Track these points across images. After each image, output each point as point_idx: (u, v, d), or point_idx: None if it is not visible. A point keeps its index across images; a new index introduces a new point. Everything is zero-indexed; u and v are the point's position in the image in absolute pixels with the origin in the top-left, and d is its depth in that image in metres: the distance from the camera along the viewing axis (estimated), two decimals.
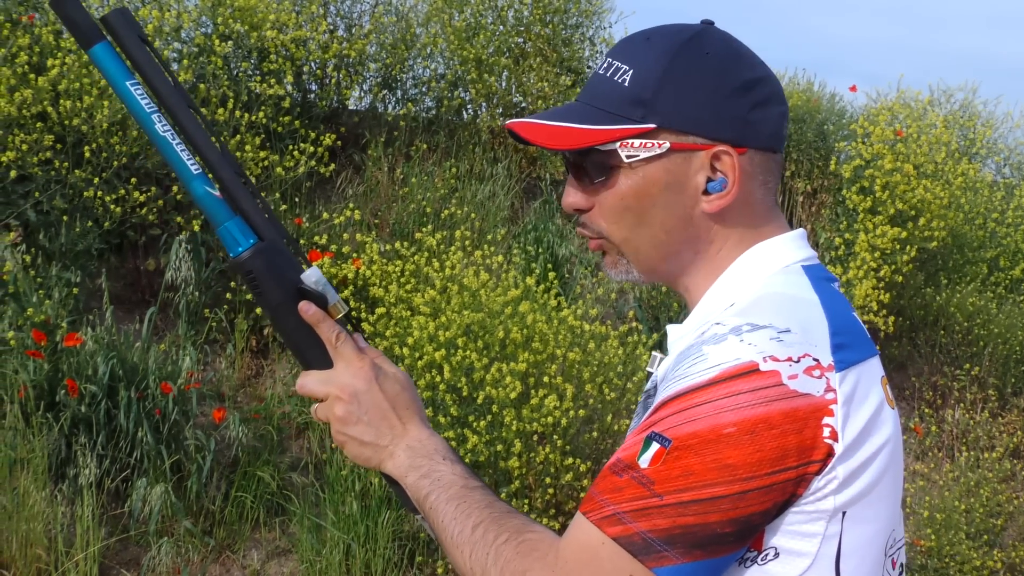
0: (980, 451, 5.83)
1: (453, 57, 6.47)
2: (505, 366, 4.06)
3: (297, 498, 4.47)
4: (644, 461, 1.02)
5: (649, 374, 1.26)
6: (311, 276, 1.24)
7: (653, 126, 1.13)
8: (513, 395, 3.99)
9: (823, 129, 6.94)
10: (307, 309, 1.24)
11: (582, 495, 4.18)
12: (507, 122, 1.22)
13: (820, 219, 6.73)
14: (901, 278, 5.87)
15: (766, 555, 1.06)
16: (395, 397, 1.26)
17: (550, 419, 4.01)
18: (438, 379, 4.06)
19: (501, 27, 6.67)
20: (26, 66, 4.75)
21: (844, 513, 1.05)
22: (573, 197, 1.20)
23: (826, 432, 1.02)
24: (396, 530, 4.30)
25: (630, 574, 1.02)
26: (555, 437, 4.08)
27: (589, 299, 5.24)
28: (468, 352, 4.08)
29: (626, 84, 1.14)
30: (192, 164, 1.24)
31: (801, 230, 1.22)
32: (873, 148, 5.98)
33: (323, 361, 1.26)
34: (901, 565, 1.18)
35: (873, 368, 1.11)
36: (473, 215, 5.70)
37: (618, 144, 1.14)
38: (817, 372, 1.03)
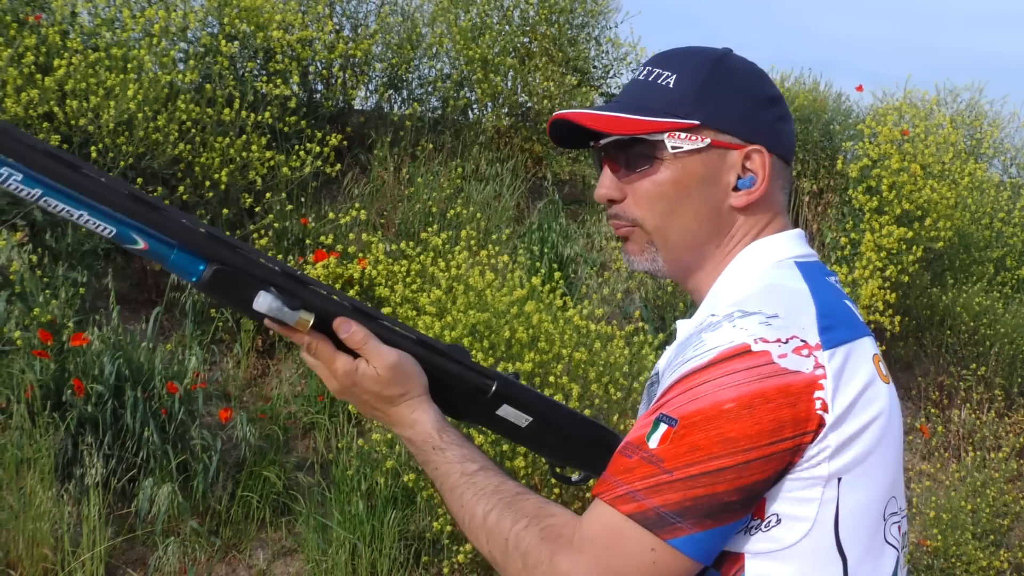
0: (986, 451, 5.82)
1: (459, 57, 6.47)
2: (511, 366, 4.06)
3: (303, 498, 4.47)
4: (653, 441, 1.10)
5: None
6: (262, 306, 1.24)
7: (697, 122, 1.24)
8: None
9: (829, 129, 6.93)
10: (272, 328, 1.28)
11: (588, 495, 4.18)
12: (556, 113, 1.30)
13: (826, 219, 6.72)
14: (907, 278, 5.85)
15: (768, 522, 1.13)
16: (374, 395, 1.30)
17: None
18: None
19: (507, 27, 6.66)
20: (33, 66, 4.76)
21: (840, 479, 1.12)
22: (607, 188, 1.29)
23: (818, 404, 1.10)
24: (402, 530, 4.31)
25: (651, 548, 1.09)
26: None
27: (595, 299, 5.23)
28: (474, 352, 4.08)
29: (671, 86, 1.26)
30: (103, 228, 1.18)
31: (799, 230, 1.31)
32: (880, 148, 5.96)
33: None
34: (904, 534, 1.24)
35: (863, 347, 1.18)
36: (479, 215, 5.70)
37: (666, 135, 1.24)
38: (806, 351, 1.11)
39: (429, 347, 1.35)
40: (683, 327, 1.28)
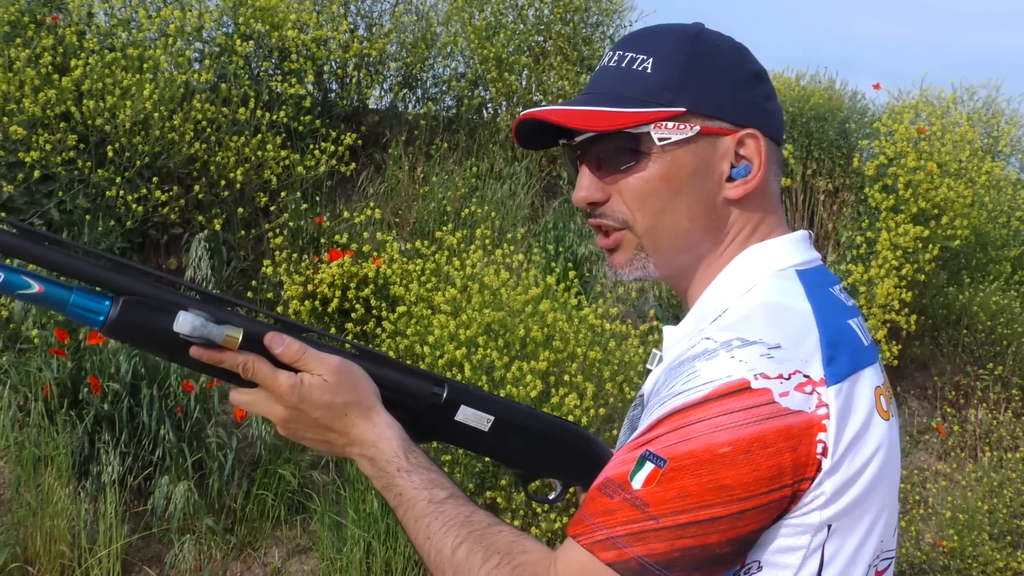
0: (1003, 451, 5.79)
1: (473, 56, 6.48)
2: (526, 364, 4.06)
3: (318, 496, 4.48)
4: (637, 482, 1.00)
5: (648, 371, 1.23)
6: (184, 326, 1.13)
7: (683, 109, 1.12)
8: (533, 394, 3.99)
9: (845, 127, 6.90)
10: (200, 355, 1.18)
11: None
12: (525, 112, 1.17)
13: (842, 217, 6.70)
14: (924, 277, 5.83)
15: (749, 568, 1.05)
16: (326, 409, 1.19)
17: (570, 418, 4.01)
18: (459, 377, 4.06)
19: (521, 26, 6.67)
20: (50, 66, 4.79)
21: (830, 526, 1.04)
22: (588, 189, 1.17)
23: (819, 448, 1.01)
24: None
25: None
26: None
27: (610, 298, 5.23)
28: (489, 351, 4.08)
29: (648, 71, 1.13)
30: None
31: (804, 232, 1.19)
32: (896, 146, 5.93)
33: (246, 382, 1.21)
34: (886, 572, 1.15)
35: (867, 378, 1.08)
36: (493, 214, 5.70)
37: (652, 126, 1.12)
38: (809, 388, 1.01)
39: (371, 356, 1.24)
40: (670, 335, 1.19)
